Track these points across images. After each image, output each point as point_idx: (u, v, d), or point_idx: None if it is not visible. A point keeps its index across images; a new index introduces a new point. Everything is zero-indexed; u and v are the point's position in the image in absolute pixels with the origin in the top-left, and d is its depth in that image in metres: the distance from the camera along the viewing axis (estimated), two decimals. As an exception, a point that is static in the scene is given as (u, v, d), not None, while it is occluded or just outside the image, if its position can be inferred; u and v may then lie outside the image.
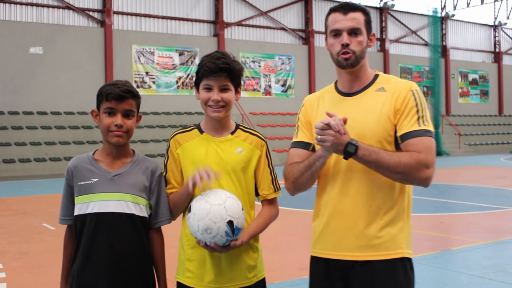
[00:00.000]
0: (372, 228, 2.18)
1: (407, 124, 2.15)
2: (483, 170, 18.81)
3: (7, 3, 21.85)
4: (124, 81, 2.39)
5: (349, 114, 2.18)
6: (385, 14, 32.30)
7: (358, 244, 2.19)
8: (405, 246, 2.21)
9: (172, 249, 2.90)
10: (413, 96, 2.19)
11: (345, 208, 2.22)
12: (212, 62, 2.30)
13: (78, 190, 2.33)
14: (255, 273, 2.40)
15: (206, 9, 26.53)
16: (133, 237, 2.31)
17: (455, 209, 9.97)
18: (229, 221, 2.14)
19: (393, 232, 2.19)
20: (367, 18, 2.29)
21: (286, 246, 6.80)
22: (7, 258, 6.41)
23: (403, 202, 2.23)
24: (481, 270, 5.56)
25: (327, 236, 2.26)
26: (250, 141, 2.42)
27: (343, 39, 2.23)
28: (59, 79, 22.00)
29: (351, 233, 2.20)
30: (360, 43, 2.25)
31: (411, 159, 2.07)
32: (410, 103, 2.18)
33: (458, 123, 33.28)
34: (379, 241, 2.18)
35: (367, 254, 2.18)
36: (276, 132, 25.45)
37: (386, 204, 2.19)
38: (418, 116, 2.16)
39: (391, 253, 2.18)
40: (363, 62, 2.29)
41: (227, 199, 2.18)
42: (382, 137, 2.18)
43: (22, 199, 12.50)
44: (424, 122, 2.16)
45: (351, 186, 2.21)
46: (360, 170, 2.19)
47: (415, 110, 2.17)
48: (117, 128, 2.30)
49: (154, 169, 2.41)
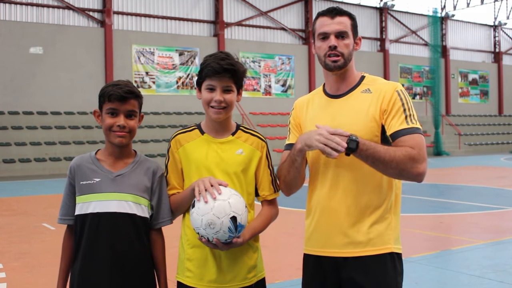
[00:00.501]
0: (360, 225, 2.26)
1: (396, 123, 2.23)
2: (483, 170, 18.81)
3: (7, 3, 21.85)
4: (126, 81, 2.39)
5: (336, 116, 2.31)
6: (385, 14, 32.29)
7: (347, 241, 2.27)
8: (393, 242, 2.28)
9: (172, 249, 2.91)
10: (398, 96, 2.27)
11: (334, 207, 2.30)
12: (216, 63, 2.28)
13: (79, 189, 2.33)
14: (255, 273, 2.40)
15: (206, 9, 26.53)
16: (134, 237, 2.31)
17: (455, 209, 9.97)
18: (232, 217, 2.14)
19: (381, 229, 2.27)
20: (353, 22, 2.37)
21: (286, 246, 6.80)
22: (7, 258, 6.41)
23: (390, 199, 2.31)
24: (481, 270, 5.56)
25: (318, 234, 2.35)
26: (250, 142, 2.42)
27: (331, 41, 2.30)
28: (59, 79, 22.00)
29: (340, 231, 2.28)
30: (347, 46, 2.32)
31: (406, 153, 2.14)
32: (396, 104, 2.25)
33: (458, 123, 33.27)
34: (367, 237, 2.26)
35: (356, 251, 2.26)
36: (276, 132, 25.45)
37: (373, 202, 2.28)
38: (405, 115, 2.23)
39: (380, 249, 2.26)
40: (350, 64, 2.37)
41: (231, 195, 2.19)
42: (369, 138, 2.23)
43: (22, 199, 12.50)
44: (412, 121, 2.24)
45: (339, 185, 2.30)
46: (348, 170, 2.27)
47: (402, 109, 2.24)
48: (120, 128, 2.31)
49: (156, 169, 2.42)
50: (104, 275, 2.26)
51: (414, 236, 7.30)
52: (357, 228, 2.26)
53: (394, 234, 2.30)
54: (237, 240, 2.21)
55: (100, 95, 2.36)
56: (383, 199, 2.29)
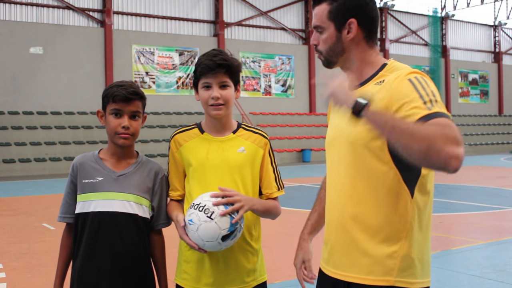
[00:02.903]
0: (360, 246, 1.86)
1: (414, 111, 1.67)
2: (483, 170, 18.82)
3: (7, 3, 21.86)
4: (130, 82, 2.38)
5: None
6: (385, 14, 32.30)
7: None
8: (395, 273, 1.81)
9: (173, 249, 2.90)
10: (411, 84, 1.75)
11: (329, 221, 2.02)
12: (209, 60, 2.27)
13: (81, 188, 2.32)
14: (254, 276, 2.34)
15: (206, 9, 26.54)
16: (134, 237, 2.31)
17: (455, 209, 9.96)
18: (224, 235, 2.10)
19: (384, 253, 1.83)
20: (331, 8, 1.93)
21: (286, 246, 6.80)
22: (7, 258, 6.41)
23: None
24: (481, 270, 5.56)
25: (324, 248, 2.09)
26: (253, 139, 2.38)
27: (312, 38, 1.99)
28: (59, 79, 22.00)
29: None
30: (325, 41, 1.95)
31: (438, 128, 1.54)
32: (409, 94, 1.72)
33: (458, 123, 33.27)
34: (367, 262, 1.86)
35: (349, 275, 1.89)
36: (276, 132, 25.45)
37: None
38: (424, 101, 1.67)
39: (376, 279, 1.83)
40: (348, 56, 1.96)
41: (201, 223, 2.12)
42: (370, 139, 1.82)
43: (22, 199, 12.50)
44: (434, 106, 1.66)
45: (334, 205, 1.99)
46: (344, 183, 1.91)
47: (418, 96, 1.70)
48: (124, 130, 2.31)
49: (158, 171, 2.41)
50: (104, 274, 2.26)
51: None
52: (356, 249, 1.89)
53: (401, 263, 1.82)
54: (240, 207, 2.12)
55: (104, 95, 2.35)
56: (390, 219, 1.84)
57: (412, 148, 1.54)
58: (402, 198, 1.81)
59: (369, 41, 1.98)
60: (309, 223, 2.31)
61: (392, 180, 1.81)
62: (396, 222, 1.81)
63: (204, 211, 2.09)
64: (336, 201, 1.96)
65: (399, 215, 1.81)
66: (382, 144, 1.80)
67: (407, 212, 1.81)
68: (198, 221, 2.09)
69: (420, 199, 1.83)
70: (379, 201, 1.83)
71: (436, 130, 1.53)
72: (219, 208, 2.09)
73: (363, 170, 1.85)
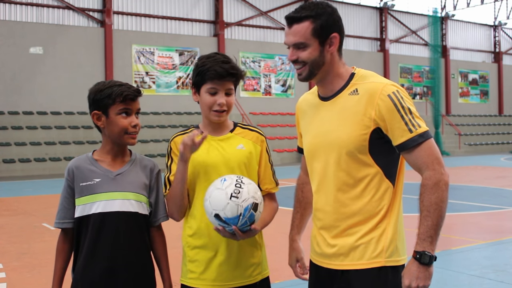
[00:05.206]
0: (346, 236, 2.11)
1: (398, 134, 1.99)
2: (483, 170, 18.81)
3: (7, 3, 21.85)
4: (120, 82, 2.37)
5: (324, 121, 2.15)
6: (385, 14, 32.30)
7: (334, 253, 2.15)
8: (384, 255, 2.07)
9: (173, 249, 2.91)
10: (391, 101, 1.99)
11: (319, 218, 2.23)
12: (220, 66, 2.28)
13: (79, 191, 2.30)
14: (259, 270, 2.39)
15: (206, 9, 26.54)
16: (137, 235, 2.32)
17: (455, 209, 9.96)
18: (254, 203, 2.12)
19: (371, 240, 2.09)
20: (315, 25, 2.04)
21: (286, 246, 6.80)
22: (7, 258, 6.41)
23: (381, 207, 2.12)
24: (481, 270, 5.56)
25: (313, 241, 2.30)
26: (250, 137, 2.43)
27: (291, 54, 2.10)
28: (59, 79, 22.00)
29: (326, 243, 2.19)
30: (310, 54, 2.06)
31: (431, 190, 2.01)
32: (391, 112, 1.98)
33: (458, 123, 33.28)
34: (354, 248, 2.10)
35: (344, 263, 2.11)
36: (276, 132, 25.45)
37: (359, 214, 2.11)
38: (405, 122, 1.97)
39: (367, 263, 2.08)
40: (325, 69, 2.11)
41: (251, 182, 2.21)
42: (354, 147, 2.05)
43: (22, 199, 12.50)
44: (414, 126, 1.97)
45: (323, 200, 2.20)
46: (332, 184, 2.13)
47: (399, 116, 1.98)
48: (135, 129, 2.32)
49: (153, 167, 2.43)
50: (109, 273, 2.26)
51: (414, 236, 7.28)
52: (343, 239, 2.14)
53: (390, 243, 2.09)
54: (256, 227, 2.16)
55: (105, 96, 2.28)
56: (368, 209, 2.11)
57: (444, 211, 2.08)
58: (386, 189, 2.10)
59: (339, 53, 2.15)
60: (294, 225, 2.49)
61: (376, 176, 2.09)
62: (381, 209, 2.09)
63: (234, 191, 2.11)
64: (326, 203, 2.16)
65: (383, 203, 2.09)
66: (365, 148, 2.05)
67: (390, 199, 2.10)
68: (225, 188, 2.12)
69: (398, 186, 2.13)
70: (365, 192, 2.09)
71: (432, 192, 2.00)
72: (246, 200, 2.10)
73: (351, 173, 2.09)
